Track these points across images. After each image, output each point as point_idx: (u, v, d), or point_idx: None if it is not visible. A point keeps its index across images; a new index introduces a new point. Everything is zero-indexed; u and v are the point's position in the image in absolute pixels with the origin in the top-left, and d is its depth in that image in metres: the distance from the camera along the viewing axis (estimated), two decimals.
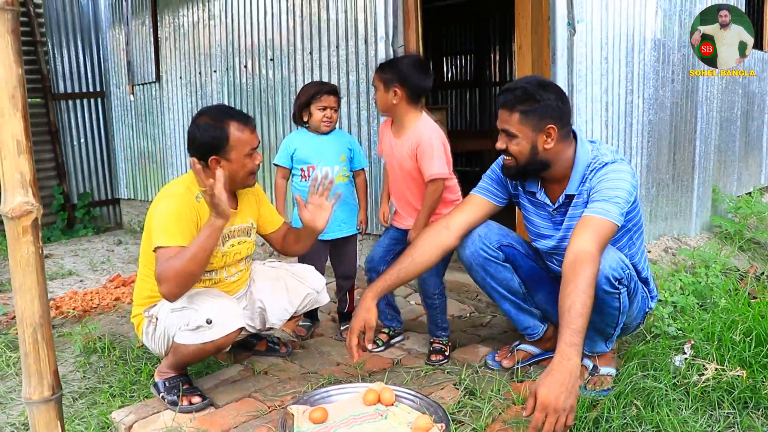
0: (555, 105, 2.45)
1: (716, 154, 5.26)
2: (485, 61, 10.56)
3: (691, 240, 4.76)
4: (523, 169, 2.58)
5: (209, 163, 2.56)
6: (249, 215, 2.86)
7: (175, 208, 2.50)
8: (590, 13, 3.55)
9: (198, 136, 2.56)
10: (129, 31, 6.94)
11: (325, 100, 3.26)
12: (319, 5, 4.63)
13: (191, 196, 2.57)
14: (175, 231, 2.43)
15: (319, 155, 3.31)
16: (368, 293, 2.62)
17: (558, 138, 2.48)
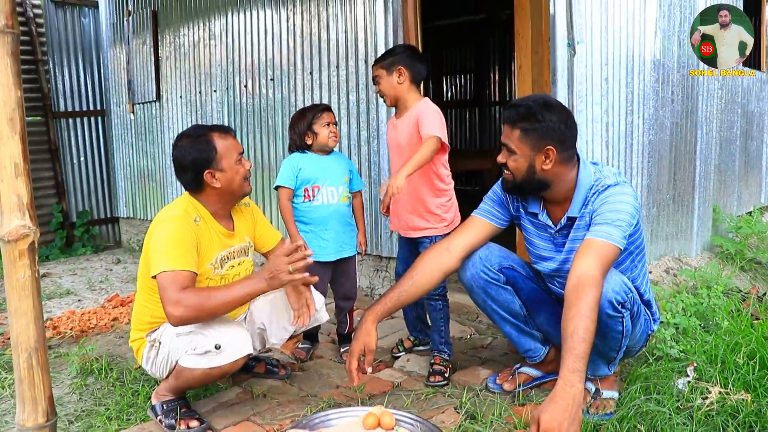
0: (557, 127, 2.44)
1: (716, 174, 5.25)
2: (485, 80, 10.58)
3: (692, 260, 4.74)
4: (520, 186, 2.59)
5: (204, 178, 2.59)
6: (246, 234, 2.85)
7: (174, 232, 2.49)
8: (590, 34, 3.55)
9: (186, 155, 2.58)
10: (130, 50, 6.96)
11: (325, 116, 3.29)
12: (320, 25, 4.64)
13: (190, 219, 2.57)
14: (176, 255, 2.42)
15: (325, 175, 3.31)
16: (368, 316, 2.59)
17: (557, 160, 2.47)
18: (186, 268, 2.41)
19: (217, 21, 5.67)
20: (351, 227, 3.41)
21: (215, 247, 2.65)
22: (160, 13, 6.46)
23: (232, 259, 2.74)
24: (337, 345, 3.53)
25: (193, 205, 2.65)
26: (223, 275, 2.70)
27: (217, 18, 5.66)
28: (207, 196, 2.67)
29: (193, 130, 2.68)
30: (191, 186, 2.66)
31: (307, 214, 3.33)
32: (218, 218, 2.71)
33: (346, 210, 3.37)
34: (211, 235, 2.64)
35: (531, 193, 2.64)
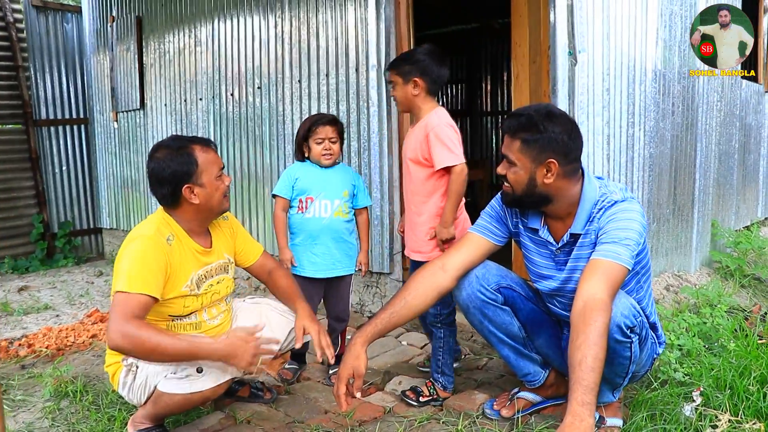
0: (560, 139, 2.30)
1: (715, 188, 5.14)
2: (477, 90, 10.49)
3: (691, 276, 4.61)
4: (519, 199, 2.46)
5: (183, 193, 2.44)
6: (225, 250, 2.71)
7: (140, 252, 2.33)
8: (591, 42, 3.42)
9: (164, 167, 2.41)
10: (113, 57, 6.79)
11: (321, 131, 3.12)
12: (309, 32, 4.49)
13: (161, 239, 2.40)
14: (138, 277, 2.26)
15: (321, 187, 3.17)
16: (357, 339, 2.46)
17: (560, 173, 2.34)
18: (142, 292, 2.25)
19: (203, 27, 5.51)
20: (347, 245, 3.24)
21: (190, 266, 2.50)
22: (145, 19, 6.30)
23: (210, 277, 2.59)
24: (326, 366, 3.35)
25: (166, 222, 2.49)
26: (200, 295, 2.54)
27: (203, 24, 5.51)
28: (183, 213, 2.52)
29: (173, 141, 2.51)
30: (167, 201, 2.50)
31: (298, 226, 3.21)
32: (194, 235, 2.55)
33: (342, 226, 3.20)
34: (185, 255, 2.48)
35: (531, 207, 2.51)
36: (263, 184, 5.06)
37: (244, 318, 2.78)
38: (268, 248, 4.99)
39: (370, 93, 4.09)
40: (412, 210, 3.00)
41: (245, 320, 2.76)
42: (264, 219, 5.09)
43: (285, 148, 4.79)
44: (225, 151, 5.40)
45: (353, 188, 3.24)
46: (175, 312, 2.50)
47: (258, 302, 2.89)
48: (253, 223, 5.19)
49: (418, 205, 2.96)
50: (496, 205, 2.67)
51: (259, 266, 2.88)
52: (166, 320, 2.50)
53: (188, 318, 2.55)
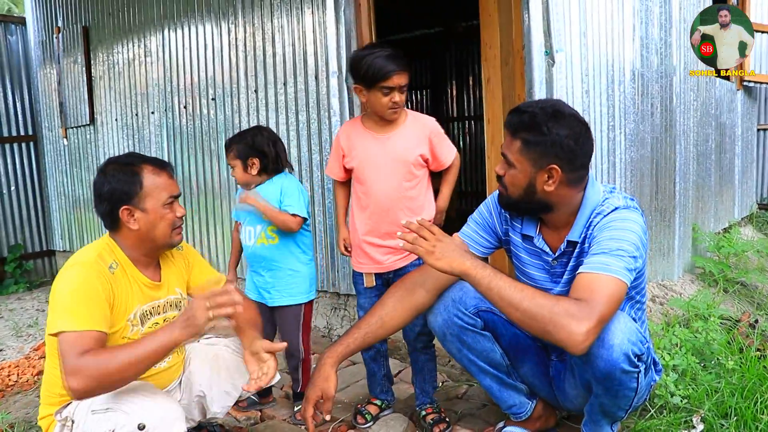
0: (565, 143, 2.02)
1: (694, 191, 4.95)
2: (442, 95, 10.27)
3: (675, 284, 4.41)
4: (516, 204, 2.21)
5: (120, 215, 2.16)
6: (177, 284, 2.40)
7: (83, 282, 2.03)
8: (569, 42, 3.19)
9: (104, 183, 2.16)
10: (61, 70, 6.43)
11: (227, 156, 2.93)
12: (264, 38, 4.20)
13: (104, 266, 2.11)
14: (81, 311, 1.96)
15: (247, 213, 2.91)
16: (327, 359, 2.22)
17: (563, 181, 2.07)
18: (93, 328, 1.95)
19: (153, 36, 5.19)
20: (279, 270, 2.89)
21: (135, 299, 2.20)
22: (92, 30, 5.96)
23: (157, 314, 2.28)
24: (291, 401, 3.06)
25: (110, 248, 2.20)
26: (144, 333, 2.22)
27: (153, 33, 5.19)
28: (125, 239, 2.22)
29: (126, 157, 2.26)
30: (106, 221, 2.22)
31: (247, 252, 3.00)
32: (140, 266, 2.26)
33: (273, 253, 2.88)
34: (130, 286, 2.19)
35: (528, 213, 2.26)
36: (220, 200, 4.76)
37: (198, 360, 2.48)
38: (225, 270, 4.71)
39: (331, 101, 3.81)
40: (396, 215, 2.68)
41: (198, 363, 2.47)
42: (222, 235, 4.79)
43: None
44: (180, 167, 5.08)
45: (279, 205, 2.84)
46: None
47: (214, 342, 2.56)
48: (211, 239, 4.88)
49: (412, 209, 2.70)
50: (485, 210, 2.42)
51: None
52: None
53: None
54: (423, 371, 2.79)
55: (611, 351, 1.92)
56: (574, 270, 2.16)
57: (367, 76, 2.55)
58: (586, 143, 2.09)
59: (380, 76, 2.53)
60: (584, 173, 2.14)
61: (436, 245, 2.05)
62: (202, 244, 4.96)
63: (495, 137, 3.54)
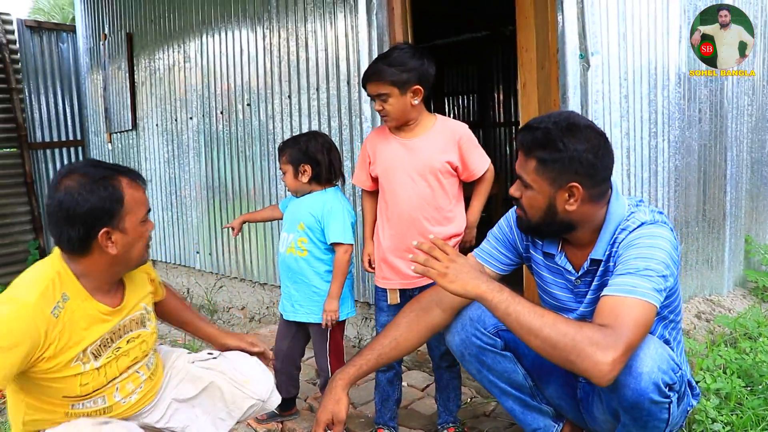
0: (584, 158, 1.88)
1: (747, 200, 4.70)
2: (489, 101, 10.10)
3: (724, 299, 4.18)
4: (537, 227, 2.07)
5: (98, 239, 1.81)
6: (142, 299, 2.10)
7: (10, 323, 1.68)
8: (606, 44, 3.03)
9: (80, 202, 1.77)
10: (106, 76, 6.52)
11: (280, 160, 2.81)
12: (297, 44, 4.15)
13: (46, 307, 1.75)
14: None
15: (286, 219, 2.83)
16: (338, 381, 2.12)
17: (585, 198, 1.93)
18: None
19: (192, 42, 5.20)
20: (307, 287, 2.76)
21: (88, 335, 1.86)
22: (136, 36, 6.02)
23: (118, 338, 1.97)
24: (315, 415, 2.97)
25: (61, 279, 1.83)
26: (101, 367, 1.92)
27: (192, 39, 5.20)
28: (91, 265, 1.88)
29: (92, 167, 1.87)
30: (72, 247, 1.83)
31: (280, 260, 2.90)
32: (99, 294, 1.92)
33: (301, 265, 2.74)
34: (83, 320, 1.86)
35: (550, 236, 2.12)
36: (254, 205, 4.72)
37: (184, 389, 2.23)
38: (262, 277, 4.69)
39: (363, 107, 3.72)
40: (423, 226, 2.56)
41: (187, 387, 2.23)
42: (257, 243, 4.74)
43: (276, 167, 4.44)
44: (216, 172, 5.08)
45: (315, 220, 2.72)
46: (71, 393, 1.87)
47: (210, 367, 2.28)
48: (246, 245, 4.84)
49: (438, 220, 2.56)
50: (505, 225, 2.30)
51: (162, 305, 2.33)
52: (62, 406, 1.89)
53: (92, 402, 1.93)
54: (447, 389, 2.68)
55: (639, 380, 1.77)
56: (598, 290, 2.02)
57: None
58: (606, 155, 1.95)
59: (363, 84, 2.51)
60: (606, 187, 2.00)
61: (449, 266, 1.93)
62: (238, 250, 4.94)
63: None
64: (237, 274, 4.99)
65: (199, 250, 5.40)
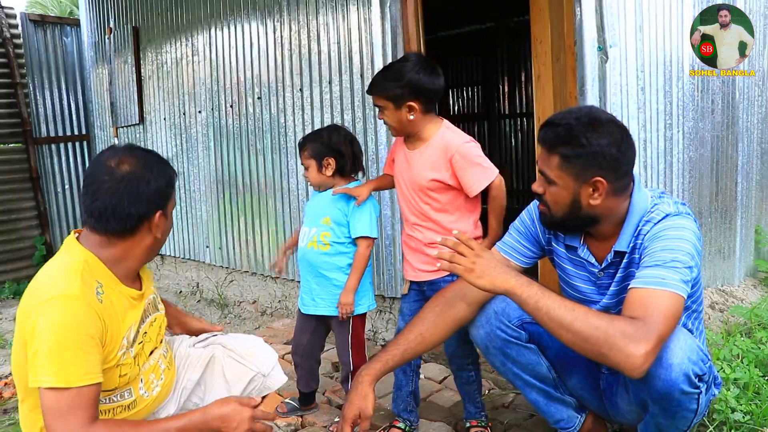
0: (608, 152, 1.89)
1: (757, 191, 4.70)
2: (493, 92, 10.09)
3: (735, 289, 4.19)
4: (561, 222, 2.08)
5: (152, 221, 1.82)
6: (151, 283, 2.10)
7: (71, 324, 1.64)
8: (623, 36, 3.03)
9: (150, 181, 1.79)
10: (112, 70, 6.50)
11: (301, 156, 2.78)
12: (309, 36, 4.14)
13: (91, 296, 1.71)
14: (73, 362, 1.61)
15: (308, 214, 2.83)
16: (365, 376, 2.12)
17: (609, 192, 1.94)
18: (88, 382, 1.63)
19: (201, 36, 5.19)
20: (331, 282, 2.76)
21: (126, 321, 1.86)
22: (142, 30, 6.00)
23: (142, 322, 1.96)
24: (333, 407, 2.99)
25: (90, 266, 1.78)
26: (135, 355, 1.90)
27: (200, 32, 5.18)
28: (128, 248, 1.85)
29: (145, 151, 1.89)
30: (125, 226, 1.79)
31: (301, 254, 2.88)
32: (126, 281, 1.90)
33: (319, 259, 2.74)
34: (121, 307, 1.84)
35: (574, 230, 2.13)
36: (266, 198, 4.72)
37: (190, 374, 2.23)
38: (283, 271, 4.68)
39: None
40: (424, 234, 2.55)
41: (191, 372, 2.22)
42: (268, 236, 4.75)
43: (288, 161, 4.45)
44: (226, 165, 5.07)
45: (342, 214, 2.72)
46: (109, 386, 1.83)
47: (210, 342, 2.27)
48: (257, 238, 4.85)
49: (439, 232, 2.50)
50: (527, 218, 2.31)
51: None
52: None
53: (119, 396, 1.90)
54: (468, 386, 2.69)
55: (670, 371, 1.78)
56: (621, 281, 2.04)
57: None
58: (629, 148, 1.96)
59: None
60: (629, 180, 2.01)
61: (475, 262, 1.94)
62: (249, 243, 4.95)
63: None
64: (248, 267, 5.00)
65: (209, 244, 5.40)
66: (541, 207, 2.13)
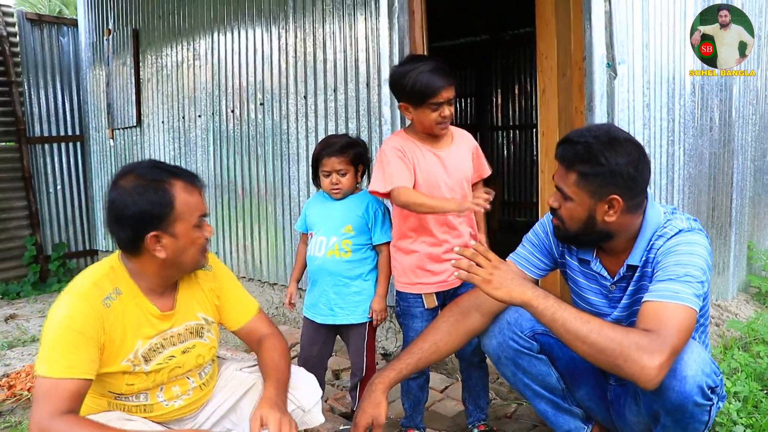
0: (625, 172, 1.93)
1: (750, 207, 4.79)
2: (486, 104, 10.17)
3: (730, 304, 4.26)
4: (575, 237, 2.12)
5: (146, 242, 1.82)
6: (200, 309, 2.08)
7: (66, 320, 1.74)
8: (631, 53, 3.08)
9: (129, 203, 1.78)
10: (110, 72, 6.49)
11: (327, 163, 2.71)
12: (315, 44, 4.16)
13: (97, 298, 1.80)
14: (62, 358, 1.71)
15: (322, 222, 2.80)
16: (378, 384, 2.14)
17: (624, 209, 1.99)
18: (69, 376, 1.69)
19: (203, 40, 5.20)
20: (352, 289, 2.77)
21: (136, 334, 1.89)
22: (142, 32, 6.00)
23: (172, 345, 1.97)
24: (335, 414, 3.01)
25: (115, 273, 1.88)
26: (150, 372, 1.93)
27: (203, 37, 5.19)
28: (144, 266, 1.90)
29: (149, 169, 1.87)
30: (125, 246, 1.87)
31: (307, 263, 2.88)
32: (152, 295, 1.94)
33: (340, 267, 2.74)
34: (131, 319, 1.88)
35: (587, 245, 2.17)
36: (266, 205, 4.73)
37: (228, 396, 2.18)
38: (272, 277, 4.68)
39: (383, 110, 3.74)
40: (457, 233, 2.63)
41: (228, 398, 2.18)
42: (267, 244, 4.76)
43: (289, 168, 4.46)
44: (226, 171, 5.08)
45: (364, 222, 2.75)
46: (116, 390, 1.91)
47: (256, 371, 2.21)
48: (256, 244, 4.86)
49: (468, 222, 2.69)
50: (541, 231, 2.34)
51: (248, 332, 2.21)
52: (106, 397, 1.94)
53: (135, 398, 1.96)
54: (477, 387, 2.73)
55: (684, 383, 1.82)
56: (633, 295, 2.09)
57: (414, 93, 2.42)
58: (645, 167, 2.01)
59: (429, 93, 2.40)
60: (643, 197, 2.05)
61: (493, 273, 1.97)
62: (247, 249, 4.95)
63: (549, 150, 3.45)
64: (246, 273, 5.00)
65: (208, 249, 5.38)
66: (554, 221, 2.16)
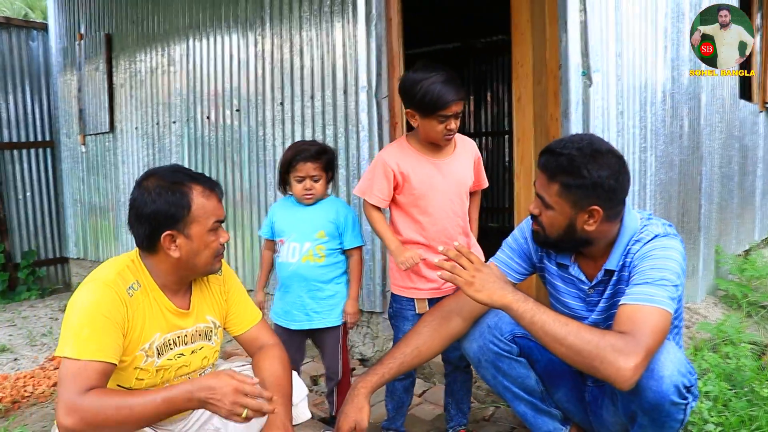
0: (606, 184, 1.98)
1: (718, 213, 4.92)
2: None
3: (699, 306, 4.37)
4: (554, 243, 2.17)
5: (161, 240, 1.92)
6: (210, 312, 2.15)
7: (95, 304, 1.82)
8: (605, 62, 3.15)
9: (148, 202, 1.91)
10: (81, 77, 6.43)
11: (302, 169, 2.71)
12: (292, 51, 4.18)
13: (120, 288, 1.89)
14: (90, 340, 1.77)
15: (294, 228, 2.80)
16: (360, 388, 2.18)
17: (603, 219, 2.04)
18: (97, 358, 1.76)
19: (177, 46, 5.18)
20: (326, 293, 2.81)
21: (154, 327, 1.97)
22: (115, 37, 5.96)
23: (183, 344, 2.05)
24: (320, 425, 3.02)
25: (136, 268, 1.99)
26: (160, 366, 1.99)
27: (178, 43, 5.17)
28: (159, 263, 1.99)
29: (171, 173, 1.98)
30: (143, 243, 1.98)
31: (276, 270, 2.89)
32: (168, 292, 2.03)
33: (315, 273, 2.77)
34: (150, 312, 1.97)
35: (566, 251, 2.22)
36: (242, 212, 4.72)
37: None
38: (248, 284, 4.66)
39: (360, 116, 3.76)
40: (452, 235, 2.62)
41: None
42: (243, 250, 4.75)
43: (266, 174, 4.46)
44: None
45: (335, 227, 2.79)
46: (126, 383, 1.95)
47: (245, 368, 2.29)
48: (231, 253, 4.84)
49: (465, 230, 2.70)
50: (520, 236, 2.39)
51: (250, 338, 2.26)
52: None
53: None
54: (461, 391, 2.76)
55: (661, 383, 1.87)
56: (610, 298, 2.14)
57: (423, 103, 2.41)
58: (625, 179, 2.06)
59: (439, 105, 2.39)
60: (623, 206, 2.11)
61: (475, 275, 2.01)
62: (226, 255, 4.92)
63: (524, 156, 3.51)
64: None
65: None
66: (534, 226, 2.21)
